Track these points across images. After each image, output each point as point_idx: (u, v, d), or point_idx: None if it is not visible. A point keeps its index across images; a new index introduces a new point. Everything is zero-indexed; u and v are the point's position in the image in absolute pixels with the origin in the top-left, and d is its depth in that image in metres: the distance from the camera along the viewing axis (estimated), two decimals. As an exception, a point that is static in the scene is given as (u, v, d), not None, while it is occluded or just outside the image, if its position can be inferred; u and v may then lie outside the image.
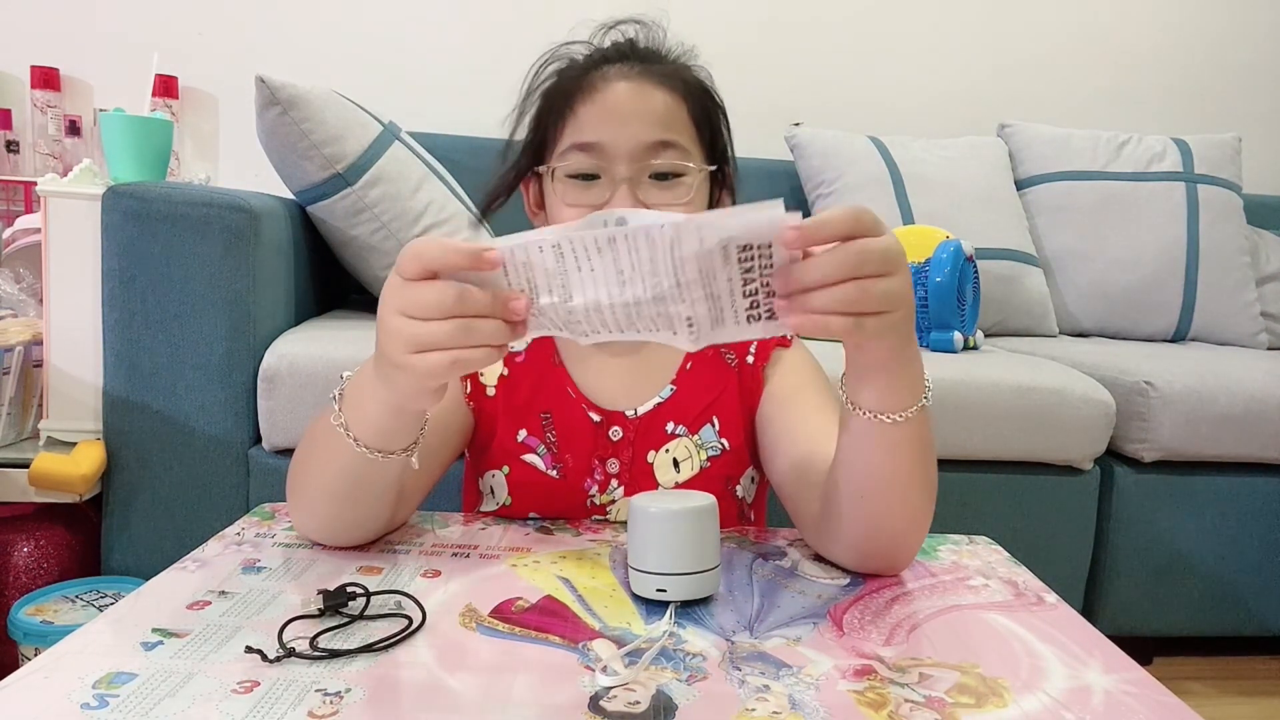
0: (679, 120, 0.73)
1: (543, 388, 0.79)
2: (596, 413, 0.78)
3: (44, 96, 1.90)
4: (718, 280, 0.47)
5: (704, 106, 0.76)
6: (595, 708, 0.45)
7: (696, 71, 0.79)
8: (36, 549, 1.21)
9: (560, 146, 0.73)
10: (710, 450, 0.79)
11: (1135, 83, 2.33)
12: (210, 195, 1.18)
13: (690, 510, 0.58)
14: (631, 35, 0.78)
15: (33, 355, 1.26)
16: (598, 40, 0.78)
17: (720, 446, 0.79)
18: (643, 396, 0.79)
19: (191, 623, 0.53)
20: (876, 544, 0.65)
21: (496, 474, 0.80)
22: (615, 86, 0.72)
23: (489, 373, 0.79)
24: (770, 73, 2.19)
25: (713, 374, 0.81)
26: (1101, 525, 1.42)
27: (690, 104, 0.75)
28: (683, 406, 0.79)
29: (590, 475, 0.79)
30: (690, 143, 0.74)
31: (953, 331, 1.46)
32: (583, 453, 0.78)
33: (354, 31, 2.04)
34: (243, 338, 1.19)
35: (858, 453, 0.61)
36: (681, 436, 0.79)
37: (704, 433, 0.79)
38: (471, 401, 0.80)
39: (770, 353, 0.82)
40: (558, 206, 0.73)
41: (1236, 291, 1.94)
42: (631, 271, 0.46)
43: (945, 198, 1.87)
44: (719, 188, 0.79)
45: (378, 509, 0.66)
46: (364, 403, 0.58)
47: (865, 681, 0.49)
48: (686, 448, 0.78)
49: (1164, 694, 0.50)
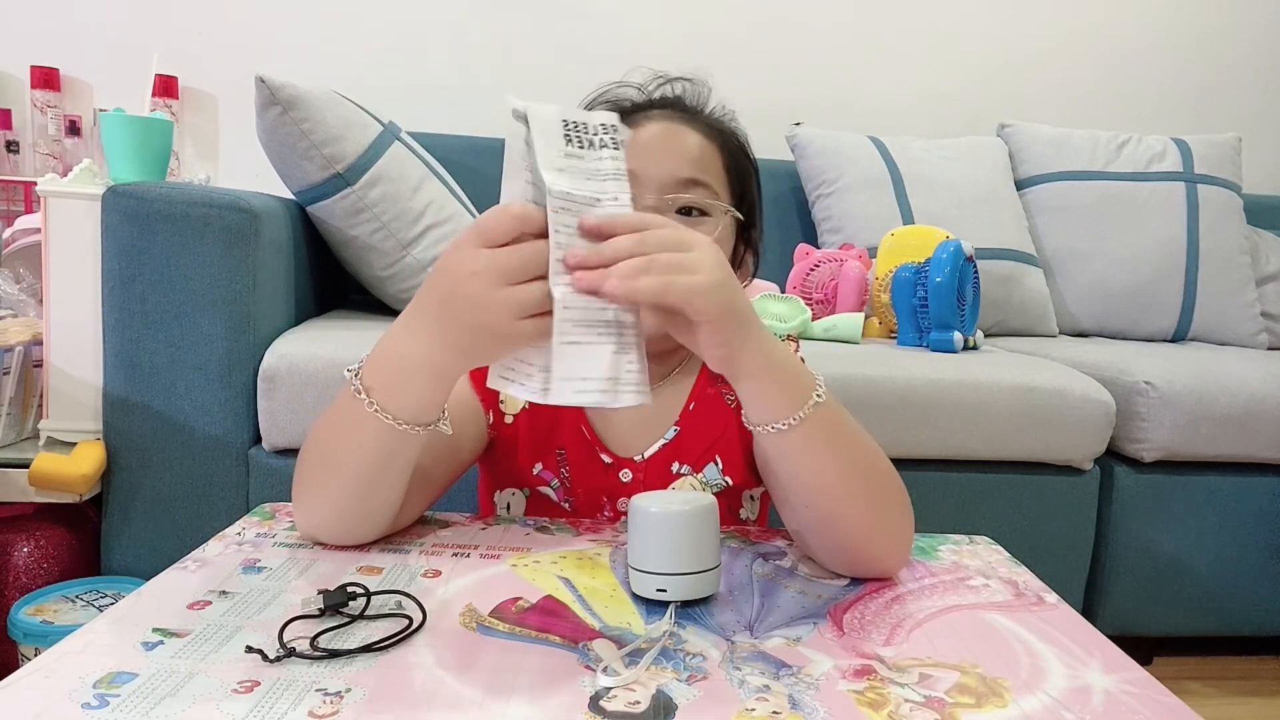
0: (713, 165, 0.77)
1: (559, 425, 0.81)
2: (608, 455, 0.80)
3: (44, 96, 1.90)
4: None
5: (738, 162, 0.80)
6: (595, 708, 0.45)
7: (736, 130, 0.82)
8: (36, 549, 1.21)
9: None
10: (714, 487, 0.80)
11: (1135, 83, 2.33)
12: (210, 195, 1.18)
13: (690, 510, 0.58)
14: (679, 92, 0.82)
15: (33, 355, 1.26)
16: (648, 89, 0.82)
17: (724, 483, 0.80)
18: (650, 438, 0.81)
19: (192, 622, 0.53)
20: (847, 553, 0.65)
21: (516, 493, 0.83)
22: (656, 124, 0.77)
23: (511, 404, 0.81)
24: (770, 73, 2.19)
25: (714, 414, 0.82)
26: (1101, 525, 1.42)
27: (725, 156, 0.78)
28: (686, 447, 0.80)
29: (600, 512, 0.81)
30: (720, 187, 0.77)
31: (953, 331, 1.46)
32: (594, 490, 0.81)
33: (354, 31, 2.04)
34: (243, 338, 1.19)
35: (775, 465, 0.63)
36: (687, 475, 0.80)
37: (708, 471, 0.81)
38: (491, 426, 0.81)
39: None
40: None
41: (1236, 291, 1.94)
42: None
43: (945, 198, 1.88)
44: (744, 244, 0.82)
45: (395, 497, 0.66)
46: (404, 378, 0.58)
47: (865, 681, 0.49)
48: (692, 485, 0.80)
49: (1164, 694, 0.50)
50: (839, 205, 1.88)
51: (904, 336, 1.53)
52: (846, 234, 1.85)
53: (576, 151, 0.53)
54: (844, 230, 1.86)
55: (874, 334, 1.65)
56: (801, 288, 1.68)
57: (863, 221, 1.84)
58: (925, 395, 1.29)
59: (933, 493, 1.34)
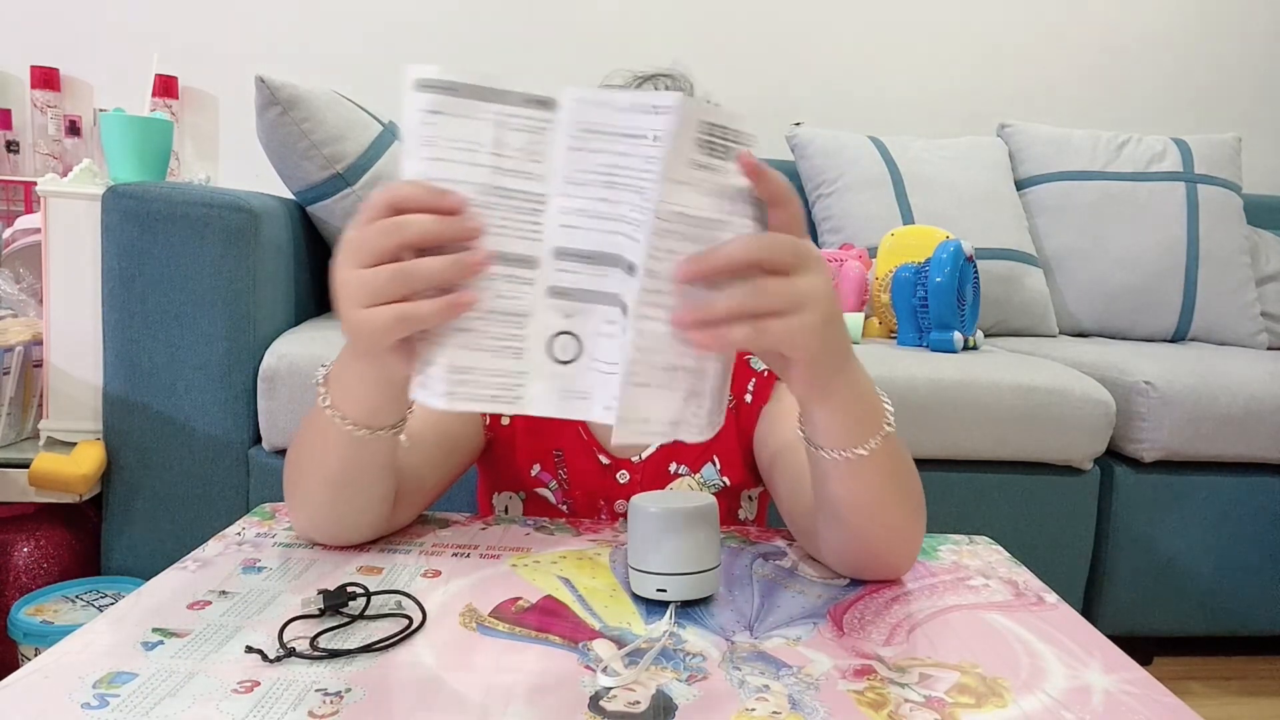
0: None
1: (557, 426, 0.80)
2: (606, 456, 0.80)
3: (44, 96, 1.90)
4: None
5: None
6: (595, 708, 0.45)
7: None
8: (36, 549, 1.21)
9: None
10: (712, 488, 0.80)
11: (1135, 83, 2.33)
12: (210, 195, 1.18)
13: (690, 510, 0.58)
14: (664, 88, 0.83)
15: (33, 355, 1.26)
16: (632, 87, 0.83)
17: (721, 484, 0.81)
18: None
19: (192, 622, 0.53)
20: (864, 560, 0.65)
21: (514, 497, 0.84)
22: None
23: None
24: (770, 73, 2.19)
25: None
26: (1101, 525, 1.42)
27: None
28: (684, 447, 0.80)
29: (598, 515, 0.81)
30: None
31: (953, 331, 1.46)
32: (591, 492, 0.81)
33: (354, 31, 2.04)
34: (243, 338, 1.19)
35: (827, 487, 0.59)
36: (684, 476, 0.81)
37: (705, 471, 0.81)
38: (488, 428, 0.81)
39: (771, 389, 0.82)
40: None
41: (1236, 291, 1.94)
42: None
43: (945, 198, 1.88)
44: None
45: (374, 498, 0.65)
46: (347, 379, 0.57)
47: (865, 681, 0.49)
48: (690, 486, 0.80)
49: (1164, 694, 0.50)
50: (839, 205, 1.88)
51: (904, 336, 1.53)
52: (846, 234, 1.85)
53: (709, 161, 0.44)
54: (844, 230, 1.86)
55: (874, 334, 1.65)
56: (801, 288, 1.68)
57: (863, 221, 1.84)
58: (925, 395, 1.29)
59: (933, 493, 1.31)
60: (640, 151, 0.43)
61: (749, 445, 0.81)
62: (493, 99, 0.44)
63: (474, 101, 0.44)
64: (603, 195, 0.44)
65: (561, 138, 0.44)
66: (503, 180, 0.44)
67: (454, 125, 0.44)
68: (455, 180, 0.44)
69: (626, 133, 0.43)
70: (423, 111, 0.44)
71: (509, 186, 0.45)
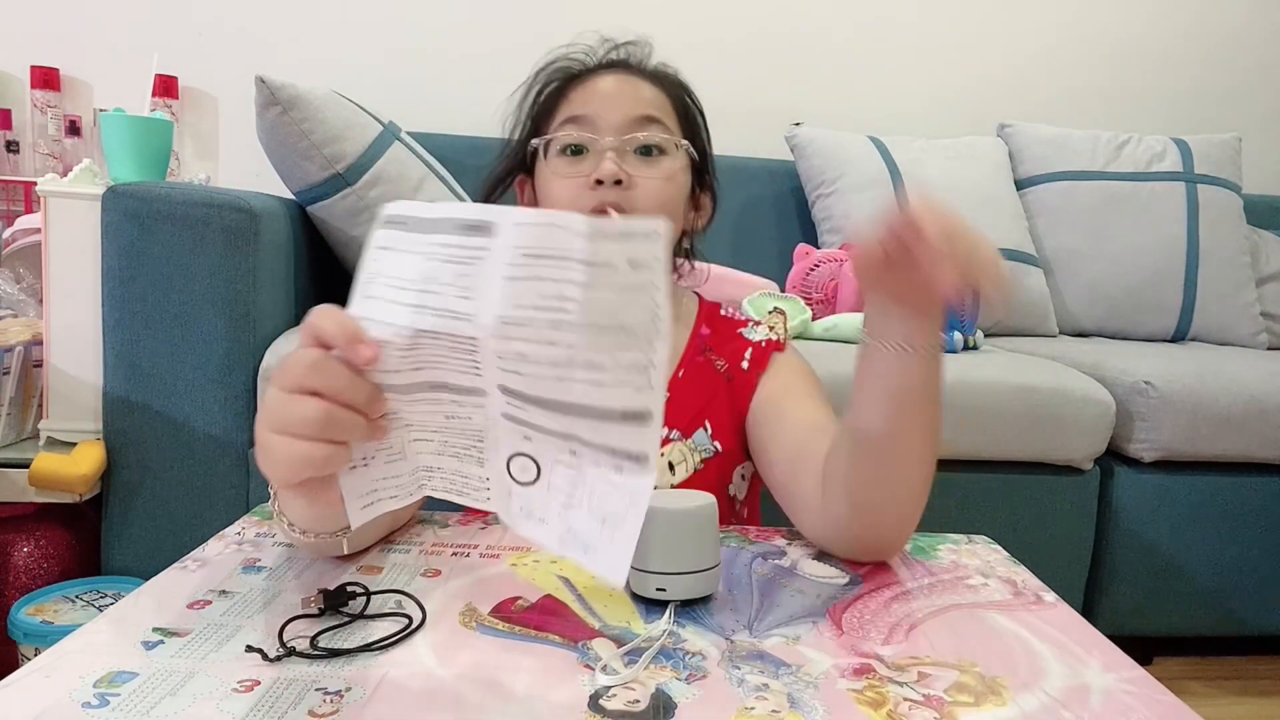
0: (664, 107, 0.82)
1: None
2: None
3: (44, 96, 1.90)
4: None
5: (685, 105, 0.85)
6: (595, 707, 0.45)
7: (681, 79, 0.88)
8: (36, 549, 1.21)
9: (553, 125, 0.80)
10: (704, 453, 0.81)
11: (1135, 83, 2.33)
12: (210, 195, 1.18)
13: (690, 510, 0.58)
14: (624, 56, 0.87)
15: (33, 355, 1.27)
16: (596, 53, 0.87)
17: (713, 449, 0.81)
18: None
19: (192, 622, 0.53)
20: (871, 518, 0.65)
21: None
22: (609, 75, 0.83)
23: None
24: (770, 73, 2.19)
25: (702, 381, 0.83)
26: (1101, 525, 1.42)
27: (674, 101, 0.83)
28: (676, 412, 0.81)
29: None
30: (674, 126, 0.81)
31: (953, 331, 1.46)
32: None
33: (354, 31, 2.04)
34: (243, 338, 1.19)
35: (875, 394, 0.62)
36: (676, 441, 0.81)
37: (697, 436, 0.81)
38: None
39: (769, 359, 0.83)
40: (550, 182, 0.79)
41: (1236, 291, 1.94)
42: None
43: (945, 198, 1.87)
44: (700, 187, 0.85)
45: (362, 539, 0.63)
46: (283, 493, 0.54)
47: (864, 680, 0.49)
48: (681, 451, 0.80)
49: (1164, 694, 0.50)
50: (839, 205, 1.88)
51: (904, 336, 1.53)
52: (846, 234, 1.85)
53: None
54: (844, 230, 1.86)
55: (874, 334, 1.65)
56: (801, 288, 1.68)
57: (863, 221, 1.85)
58: (925, 395, 1.29)
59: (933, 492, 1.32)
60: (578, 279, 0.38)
61: (742, 413, 0.82)
62: (429, 229, 0.41)
63: (415, 235, 0.42)
64: (550, 338, 0.39)
65: (497, 266, 0.40)
66: (426, 321, 0.41)
67: (390, 260, 0.43)
68: (382, 321, 0.42)
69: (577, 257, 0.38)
70: (374, 248, 0.44)
71: (434, 329, 0.41)
